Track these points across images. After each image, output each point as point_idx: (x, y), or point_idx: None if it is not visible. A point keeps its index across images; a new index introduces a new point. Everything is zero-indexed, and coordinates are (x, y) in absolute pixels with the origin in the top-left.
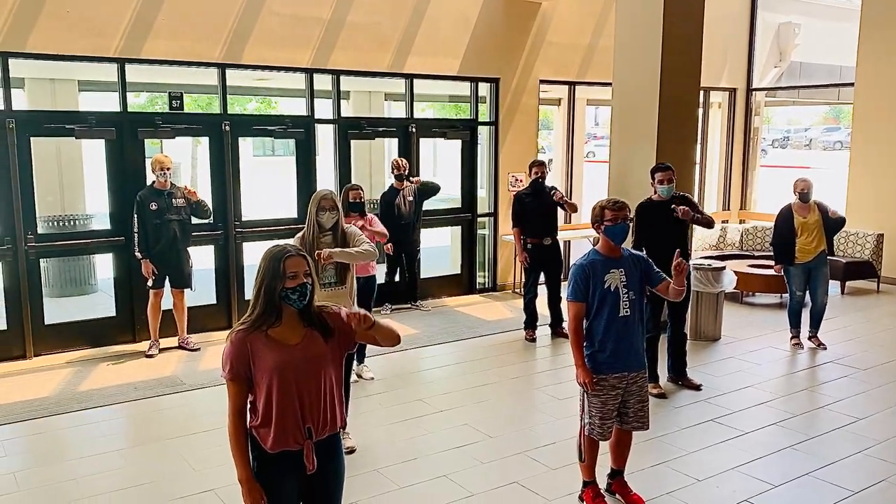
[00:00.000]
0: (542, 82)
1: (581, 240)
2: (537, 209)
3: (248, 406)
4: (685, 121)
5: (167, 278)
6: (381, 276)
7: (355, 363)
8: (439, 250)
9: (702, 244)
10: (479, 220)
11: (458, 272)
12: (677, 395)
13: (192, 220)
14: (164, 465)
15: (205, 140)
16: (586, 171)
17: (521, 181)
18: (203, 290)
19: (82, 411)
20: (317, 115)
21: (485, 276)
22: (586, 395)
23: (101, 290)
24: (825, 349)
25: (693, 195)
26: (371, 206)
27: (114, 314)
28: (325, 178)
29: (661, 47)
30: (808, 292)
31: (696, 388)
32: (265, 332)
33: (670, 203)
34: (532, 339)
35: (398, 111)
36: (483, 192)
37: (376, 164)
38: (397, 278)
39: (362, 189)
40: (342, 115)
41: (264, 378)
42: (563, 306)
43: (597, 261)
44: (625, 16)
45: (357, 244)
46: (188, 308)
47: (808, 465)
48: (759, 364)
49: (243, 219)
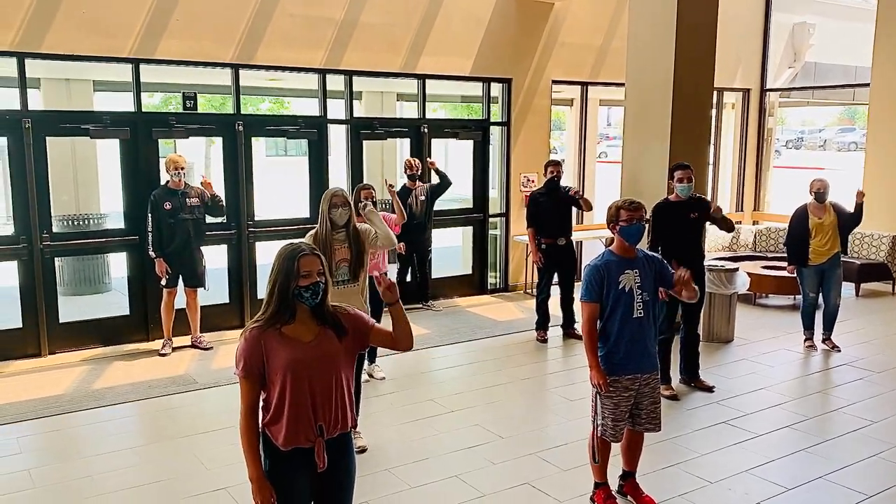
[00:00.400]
0: (555, 83)
1: (593, 240)
2: (552, 209)
3: (261, 404)
4: (698, 121)
5: (181, 277)
6: (392, 276)
7: (366, 363)
8: (451, 250)
9: (715, 245)
10: (491, 220)
11: (470, 272)
12: (690, 397)
13: (206, 220)
14: (177, 463)
15: (218, 140)
16: (598, 171)
17: (533, 181)
18: (216, 290)
19: (96, 409)
20: (329, 116)
21: (496, 277)
22: (598, 397)
23: (114, 289)
24: (839, 351)
25: (706, 196)
26: (382, 205)
27: (128, 313)
28: (338, 177)
29: (675, 47)
30: (821, 294)
31: (709, 389)
32: (279, 329)
33: (687, 204)
34: (543, 340)
35: (410, 111)
36: (495, 193)
37: (388, 164)
38: (409, 278)
39: (374, 189)
40: (354, 115)
41: (278, 375)
42: (575, 307)
43: (611, 261)
44: (638, 15)
45: (372, 242)
46: (201, 307)
47: (821, 468)
48: (772, 366)
49: (256, 218)
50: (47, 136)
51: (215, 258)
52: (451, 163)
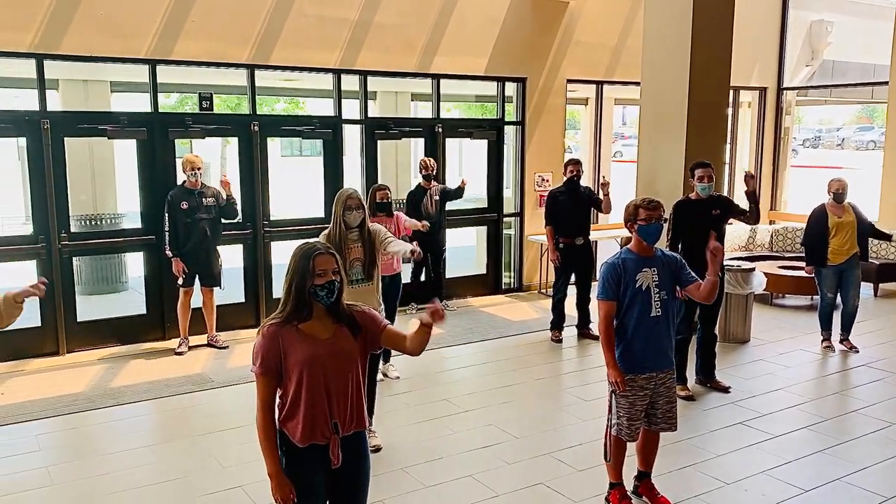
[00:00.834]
0: (570, 82)
1: (609, 240)
2: (571, 208)
3: (277, 401)
4: (715, 120)
5: (197, 277)
6: (406, 276)
7: (381, 362)
8: (465, 250)
9: (731, 245)
10: (506, 220)
11: (484, 272)
12: (706, 398)
13: (222, 220)
14: (193, 462)
15: (234, 140)
16: (614, 171)
17: (548, 181)
18: (232, 289)
19: (113, 407)
20: (344, 116)
21: (510, 277)
22: (614, 396)
23: (131, 289)
24: (857, 352)
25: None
26: (397, 205)
27: (144, 312)
28: (352, 177)
29: (691, 46)
30: (839, 294)
31: (725, 390)
32: (296, 326)
33: (707, 203)
34: (558, 340)
35: (424, 111)
36: (509, 193)
37: (402, 164)
38: (423, 278)
39: (389, 189)
40: (369, 115)
41: (294, 371)
42: (591, 307)
43: (628, 259)
44: (653, 14)
45: (385, 244)
46: (217, 306)
47: (839, 469)
48: (789, 367)
49: (271, 218)
50: (65, 137)
51: (231, 258)
52: (466, 163)
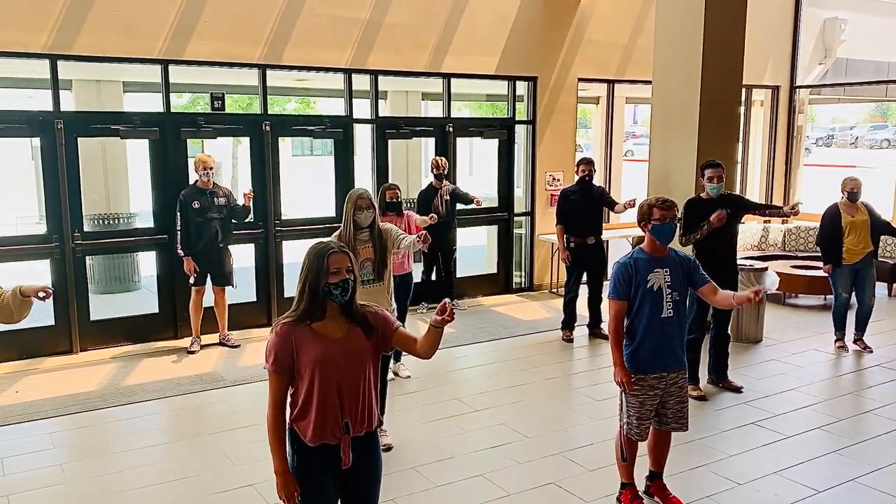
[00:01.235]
0: (581, 80)
1: (620, 240)
2: (583, 208)
3: (289, 399)
4: (727, 119)
5: (209, 276)
6: (417, 275)
7: (392, 361)
8: (476, 249)
9: (743, 244)
10: (516, 219)
11: (495, 271)
12: (718, 398)
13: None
14: (205, 460)
15: (245, 140)
16: (625, 170)
17: (559, 180)
18: (243, 288)
19: (126, 405)
20: (355, 115)
21: (521, 276)
22: (625, 395)
23: (144, 288)
24: (871, 352)
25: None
26: (407, 205)
27: (156, 311)
28: (363, 177)
29: (703, 44)
30: (854, 294)
31: (737, 390)
32: (309, 325)
33: (718, 202)
34: (569, 340)
35: (435, 111)
36: (520, 192)
37: (413, 163)
38: (433, 277)
39: (399, 189)
40: (380, 114)
41: (306, 370)
42: (602, 307)
43: (640, 259)
44: (665, 12)
45: (397, 242)
46: (229, 305)
47: (853, 470)
48: (802, 367)
49: (283, 217)
50: (79, 137)
51: (243, 257)
52: (476, 162)
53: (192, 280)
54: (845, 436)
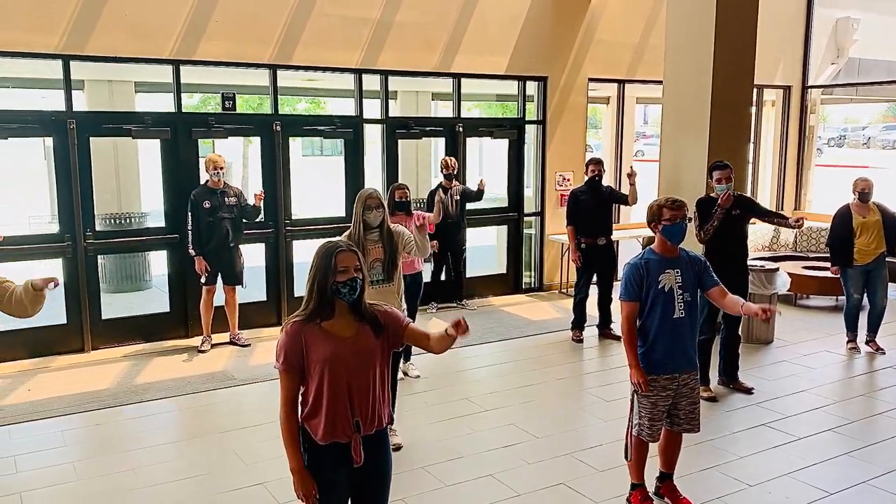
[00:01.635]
0: (591, 80)
1: (630, 240)
2: (593, 208)
3: (300, 398)
4: (738, 119)
5: (219, 275)
6: (427, 275)
7: (402, 361)
8: (485, 249)
9: (755, 245)
10: (526, 219)
11: (504, 272)
12: (728, 399)
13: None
14: (216, 458)
15: (256, 140)
16: (635, 170)
17: (569, 180)
18: (254, 287)
19: (137, 404)
20: (365, 115)
21: (531, 276)
22: (636, 396)
23: (155, 287)
24: (884, 353)
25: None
26: (417, 205)
27: (167, 310)
28: (373, 177)
29: (714, 44)
30: (865, 295)
31: (748, 391)
32: (319, 324)
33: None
34: (579, 340)
35: (445, 111)
36: (530, 192)
37: (423, 163)
38: (443, 277)
39: (408, 188)
40: (390, 114)
41: (316, 369)
42: (613, 307)
43: (651, 260)
44: (676, 12)
45: (407, 246)
46: (239, 304)
47: (864, 472)
48: (814, 368)
49: (293, 217)
50: (91, 137)
51: (253, 256)
52: (486, 162)
53: (202, 279)
54: (857, 438)
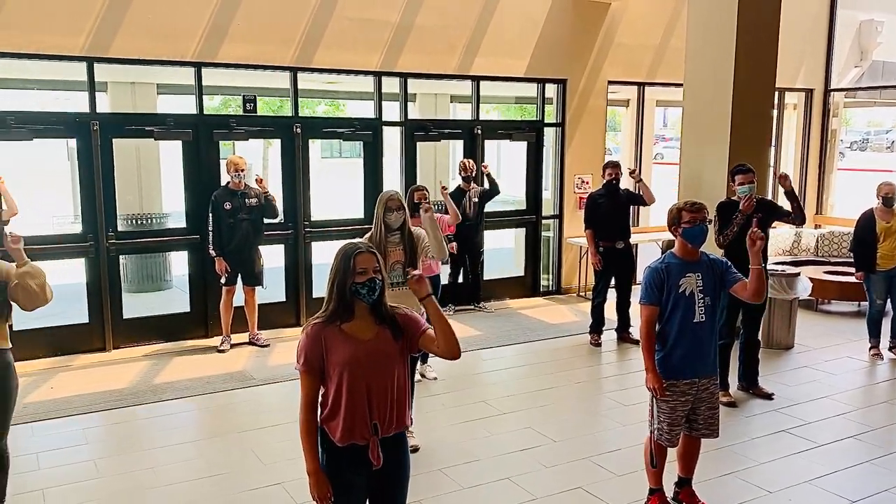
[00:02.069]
0: (611, 83)
1: (650, 244)
2: (611, 212)
3: (320, 399)
4: (759, 122)
5: (239, 276)
6: (444, 277)
7: (419, 363)
8: (503, 252)
9: (775, 249)
10: (544, 222)
11: (522, 274)
12: (748, 404)
13: (264, 220)
14: (234, 458)
15: (276, 142)
16: (655, 173)
17: (588, 183)
18: (273, 288)
19: (157, 403)
20: (384, 118)
21: (549, 279)
22: (655, 401)
23: (175, 287)
24: None
25: (768, 197)
26: (436, 206)
27: (188, 310)
28: (392, 179)
29: (735, 47)
30: (889, 301)
31: (768, 397)
32: (339, 326)
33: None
34: (597, 344)
35: (464, 113)
36: (548, 195)
37: (442, 165)
38: (461, 279)
39: (427, 190)
40: (409, 117)
41: (335, 371)
42: (631, 311)
43: (672, 264)
44: (697, 14)
45: (426, 250)
46: (259, 305)
47: (887, 481)
48: (835, 374)
49: (312, 219)
50: (113, 138)
51: (273, 258)
52: (505, 164)
53: (223, 280)
54: (879, 445)
